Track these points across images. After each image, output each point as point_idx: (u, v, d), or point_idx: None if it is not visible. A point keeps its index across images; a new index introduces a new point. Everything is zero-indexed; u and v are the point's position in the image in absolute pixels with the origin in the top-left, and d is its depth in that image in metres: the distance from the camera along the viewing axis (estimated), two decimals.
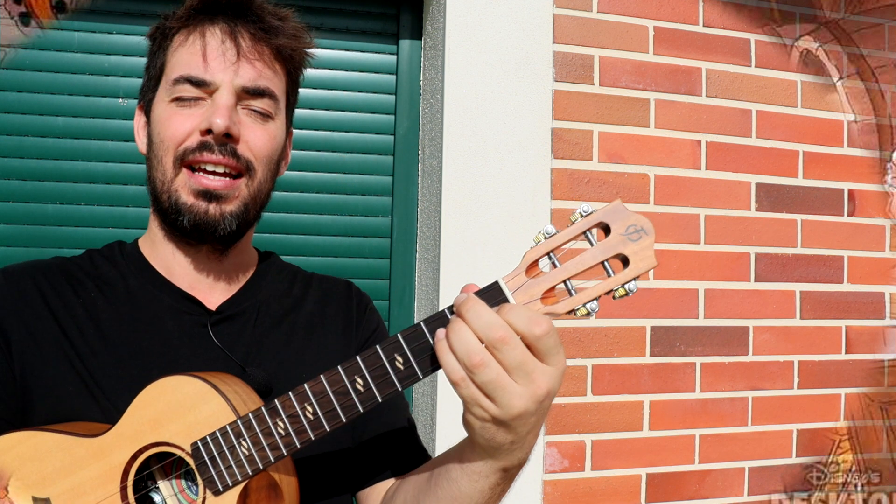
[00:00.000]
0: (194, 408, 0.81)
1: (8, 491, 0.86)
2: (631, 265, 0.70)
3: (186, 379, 0.83)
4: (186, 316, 0.98)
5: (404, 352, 0.73)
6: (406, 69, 2.07)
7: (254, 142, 0.96)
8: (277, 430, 0.78)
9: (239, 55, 0.95)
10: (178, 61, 0.96)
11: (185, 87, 0.94)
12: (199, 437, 0.81)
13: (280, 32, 0.99)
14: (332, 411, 0.76)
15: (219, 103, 0.93)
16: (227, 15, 0.96)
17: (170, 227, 0.98)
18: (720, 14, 2.13)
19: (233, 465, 0.79)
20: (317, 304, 1.08)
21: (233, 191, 0.95)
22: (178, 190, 0.94)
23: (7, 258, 1.81)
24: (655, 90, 2.07)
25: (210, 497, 0.81)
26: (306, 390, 0.77)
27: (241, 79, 0.95)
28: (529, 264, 0.72)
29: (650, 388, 2.04)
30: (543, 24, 1.97)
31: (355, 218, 2.04)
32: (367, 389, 0.74)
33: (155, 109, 0.98)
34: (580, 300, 0.71)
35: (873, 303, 2.26)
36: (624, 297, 0.71)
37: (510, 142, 1.94)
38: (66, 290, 0.96)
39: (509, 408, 0.68)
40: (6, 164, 1.84)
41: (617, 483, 2.00)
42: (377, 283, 2.05)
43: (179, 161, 0.93)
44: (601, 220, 0.71)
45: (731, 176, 2.13)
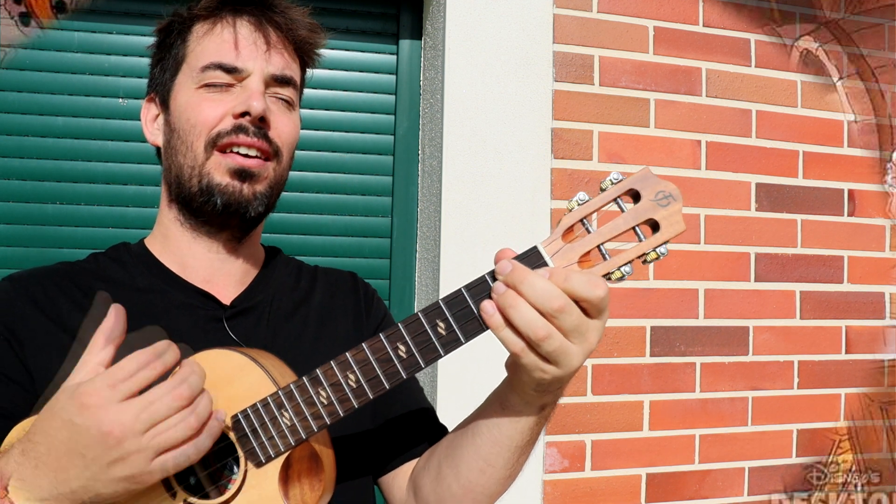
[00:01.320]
0: (233, 381, 0.81)
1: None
2: (662, 229, 0.73)
3: (224, 353, 0.82)
4: (201, 311, 0.98)
5: (446, 317, 0.74)
6: (406, 69, 2.07)
7: (282, 128, 0.98)
8: (320, 400, 0.78)
9: (269, 44, 0.98)
10: (205, 49, 0.97)
11: (217, 73, 0.95)
12: (239, 410, 0.80)
13: (302, 26, 1.02)
14: (375, 378, 0.77)
15: (253, 88, 0.95)
16: (254, 7, 0.99)
17: (194, 213, 0.98)
18: (720, 14, 2.13)
19: (275, 437, 0.79)
20: (325, 295, 1.09)
21: (264, 170, 0.97)
22: (212, 172, 0.95)
23: (7, 258, 1.81)
24: (655, 90, 2.07)
25: (252, 469, 0.81)
26: (348, 359, 0.78)
27: (272, 67, 0.97)
28: (565, 230, 0.74)
29: (650, 388, 2.04)
30: (543, 24, 1.97)
31: (355, 218, 2.04)
32: (409, 356, 0.76)
33: (178, 98, 0.98)
34: (615, 263, 0.73)
35: (873, 303, 2.26)
36: (655, 260, 0.74)
37: (510, 142, 1.94)
38: (75, 294, 0.96)
39: (569, 367, 0.72)
40: (6, 164, 1.84)
41: (617, 483, 2.00)
42: (377, 283, 2.05)
43: (212, 144, 0.94)
44: (632, 186, 0.73)
45: (731, 176, 2.13)
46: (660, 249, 0.73)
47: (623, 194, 0.73)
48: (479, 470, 0.87)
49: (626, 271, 0.74)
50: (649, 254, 0.73)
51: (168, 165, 1.00)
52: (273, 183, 0.99)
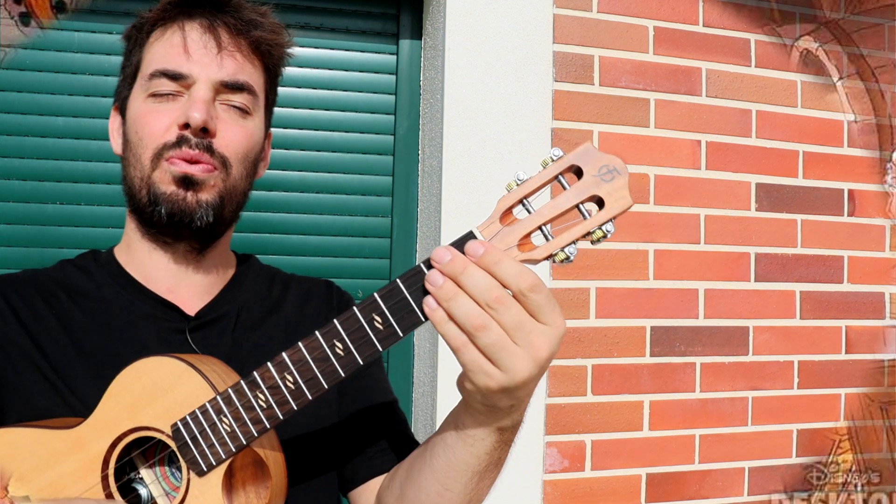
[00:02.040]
0: (172, 388, 0.79)
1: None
2: (606, 206, 0.68)
3: (162, 360, 0.80)
4: (164, 322, 0.96)
5: (382, 311, 0.71)
6: (406, 69, 2.07)
7: (230, 138, 0.94)
8: (259, 403, 0.75)
9: (219, 48, 0.94)
10: (154, 56, 0.94)
11: (162, 81, 0.92)
12: (178, 418, 0.78)
13: (258, 26, 0.97)
14: (313, 379, 0.74)
15: (196, 97, 0.91)
16: (204, 9, 0.95)
17: (146, 224, 0.96)
18: (720, 14, 2.13)
19: (215, 444, 0.77)
20: (295, 304, 1.07)
21: (210, 178, 0.93)
22: (157, 182, 0.92)
23: (7, 258, 1.81)
24: (655, 90, 2.07)
25: (194, 478, 0.79)
26: (285, 359, 0.75)
27: (220, 73, 0.93)
28: (503, 212, 0.70)
29: (650, 388, 2.04)
30: (543, 24, 1.97)
31: (355, 218, 2.04)
32: (347, 353, 0.72)
33: (131, 108, 0.96)
34: (558, 245, 0.69)
35: (873, 303, 2.26)
36: (602, 238, 0.69)
37: (510, 142, 1.94)
38: (36, 302, 0.94)
39: (513, 373, 0.67)
40: (6, 164, 1.84)
41: (617, 483, 2.00)
42: (377, 283, 2.05)
43: (158, 157, 0.92)
44: (573, 162, 0.69)
45: (731, 176, 2.13)
46: (606, 227, 0.69)
47: (565, 171, 0.69)
48: (436, 493, 0.83)
49: (570, 252, 0.69)
50: (594, 232, 0.69)
51: (123, 176, 0.98)
52: (224, 192, 0.95)
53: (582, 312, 1.98)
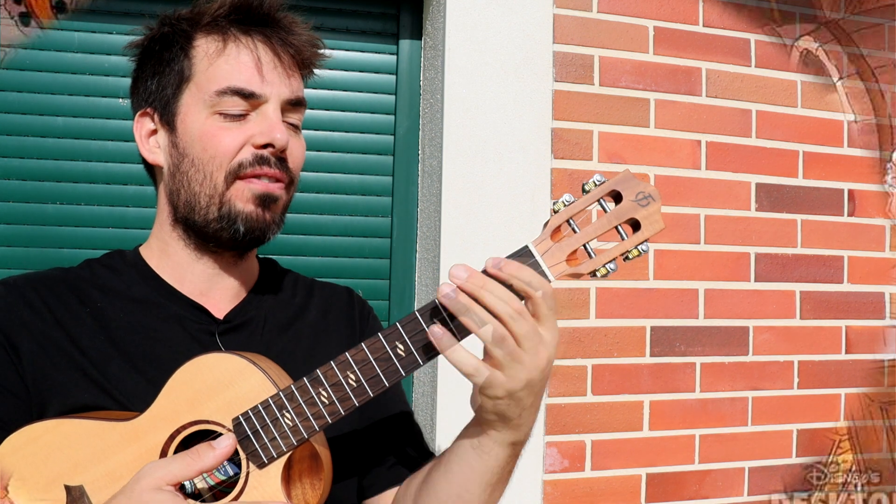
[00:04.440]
0: (233, 384, 0.82)
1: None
2: (642, 228, 0.78)
3: (223, 356, 0.83)
4: (194, 324, 0.98)
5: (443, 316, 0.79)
6: (406, 69, 2.07)
7: (296, 154, 0.99)
8: (321, 399, 0.81)
9: (284, 67, 0.96)
10: (220, 72, 0.93)
11: (234, 99, 0.93)
12: (240, 412, 0.82)
13: (310, 45, 1.00)
14: (375, 377, 0.80)
15: (273, 118, 0.94)
16: (261, 26, 0.96)
17: (205, 238, 0.97)
18: (720, 14, 2.13)
19: (277, 437, 0.81)
20: (319, 312, 1.09)
21: (283, 194, 0.98)
22: (233, 199, 0.94)
23: (7, 258, 1.81)
24: (655, 90, 2.07)
25: (254, 470, 0.82)
26: (348, 358, 0.80)
27: (287, 91, 0.96)
28: (554, 229, 0.80)
29: (650, 388, 2.04)
30: (543, 24, 1.97)
31: (355, 218, 2.04)
32: (408, 354, 0.80)
33: (188, 122, 0.95)
34: (600, 261, 0.79)
35: (873, 303, 2.26)
36: (637, 257, 0.80)
37: (510, 142, 1.94)
38: (70, 300, 0.95)
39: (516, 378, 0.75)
40: (6, 164, 1.84)
41: (617, 483, 2.00)
42: (377, 283, 2.05)
43: (233, 175, 0.93)
44: (614, 188, 0.79)
45: (731, 176, 2.13)
46: (641, 247, 0.79)
47: (605, 195, 0.79)
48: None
49: (610, 268, 0.79)
50: (631, 251, 0.79)
51: (175, 189, 0.97)
52: (285, 206, 1.00)
53: (582, 312, 1.98)
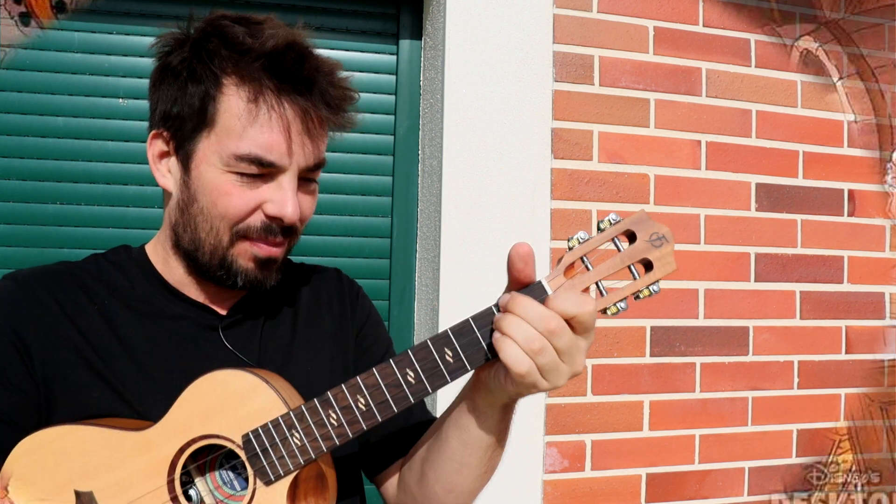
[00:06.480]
0: (245, 401, 0.84)
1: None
2: (655, 269, 0.79)
3: (237, 373, 0.85)
4: (198, 322, 0.99)
5: (454, 346, 0.79)
6: (406, 69, 2.07)
7: (305, 209, 0.98)
8: (330, 421, 0.82)
9: (311, 135, 0.94)
10: (245, 134, 0.89)
11: (252, 167, 0.90)
12: (250, 429, 0.83)
13: (343, 106, 0.98)
14: (385, 402, 0.81)
15: (287, 189, 0.92)
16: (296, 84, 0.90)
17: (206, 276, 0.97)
18: (720, 14, 2.13)
19: (285, 456, 0.82)
20: (310, 294, 1.10)
21: (284, 252, 0.98)
22: (236, 257, 0.94)
23: (7, 258, 1.81)
24: (655, 90, 2.07)
25: (261, 487, 0.84)
26: (359, 383, 0.81)
27: (308, 159, 0.94)
28: (567, 266, 0.79)
29: (650, 388, 2.04)
30: (543, 24, 1.97)
31: (355, 218, 2.04)
32: (418, 381, 0.80)
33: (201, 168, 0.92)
34: (612, 300, 0.79)
35: (873, 303, 2.26)
36: (647, 297, 0.80)
37: (510, 142, 1.94)
38: (79, 296, 0.95)
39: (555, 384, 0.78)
40: (6, 164, 1.84)
41: (617, 483, 2.00)
42: (377, 282, 2.05)
43: (239, 236, 0.93)
44: (628, 227, 0.79)
45: (731, 176, 2.13)
46: (652, 287, 0.80)
47: (621, 233, 0.79)
48: (455, 471, 0.91)
49: (621, 307, 0.80)
50: (643, 291, 0.80)
51: (182, 225, 0.95)
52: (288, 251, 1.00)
53: None
